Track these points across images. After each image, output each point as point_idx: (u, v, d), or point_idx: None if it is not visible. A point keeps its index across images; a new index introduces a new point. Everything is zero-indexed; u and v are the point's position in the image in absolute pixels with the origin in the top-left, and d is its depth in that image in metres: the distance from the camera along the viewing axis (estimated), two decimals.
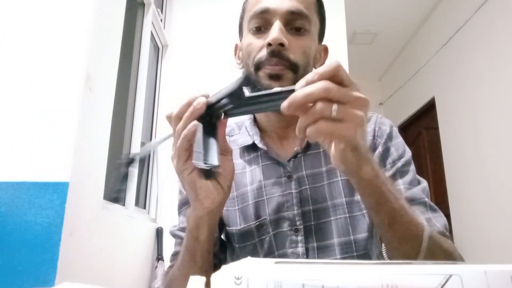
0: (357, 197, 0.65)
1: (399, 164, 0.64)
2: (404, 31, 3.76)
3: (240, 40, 0.74)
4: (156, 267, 2.13)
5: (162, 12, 2.63)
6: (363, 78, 4.67)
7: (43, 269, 1.05)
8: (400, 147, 0.66)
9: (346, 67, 2.54)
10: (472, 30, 2.85)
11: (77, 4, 1.28)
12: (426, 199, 0.61)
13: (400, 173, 0.63)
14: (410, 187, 0.61)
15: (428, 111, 3.59)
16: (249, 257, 0.26)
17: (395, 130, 0.69)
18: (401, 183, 0.61)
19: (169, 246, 2.20)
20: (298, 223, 0.65)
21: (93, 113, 1.29)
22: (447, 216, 2.81)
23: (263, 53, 0.63)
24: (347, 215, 0.64)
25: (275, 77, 0.62)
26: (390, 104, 4.53)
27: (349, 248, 0.64)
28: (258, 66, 0.63)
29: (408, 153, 0.66)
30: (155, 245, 2.23)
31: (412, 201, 0.58)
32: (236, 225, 0.68)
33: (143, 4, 2.32)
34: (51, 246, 1.06)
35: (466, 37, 2.93)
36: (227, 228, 0.69)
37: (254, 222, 0.66)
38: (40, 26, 1.24)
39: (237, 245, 0.68)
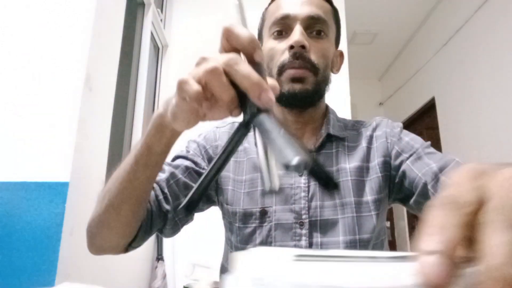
0: (366, 198, 0.66)
1: (423, 149, 0.65)
2: (404, 31, 3.76)
3: None
4: (156, 267, 2.13)
5: (162, 12, 2.63)
6: (363, 78, 4.67)
7: (43, 269, 1.05)
8: (417, 138, 0.69)
9: (346, 67, 2.54)
10: (472, 30, 2.85)
11: (77, 4, 1.28)
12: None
13: (427, 154, 0.64)
14: (442, 159, 0.62)
15: (428, 111, 3.58)
16: (262, 247, 0.24)
17: (406, 130, 0.72)
18: (432, 162, 0.62)
19: (169, 246, 2.20)
20: (304, 216, 0.66)
21: (93, 113, 1.29)
22: None
23: (286, 56, 0.65)
24: (355, 215, 0.65)
25: (298, 80, 0.65)
26: (390, 104, 4.53)
27: (353, 246, 0.64)
28: (281, 70, 0.66)
29: (428, 142, 0.68)
30: (155, 245, 2.23)
31: (445, 167, 0.59)
32: (239, 205, 0.69)
33: (143, 4, 2.32)
34: (51, 246, 1.06)
35: (466, 37, 2.93)
36: (229, 206, 0.70)
37: (258, 207, 0.68)
38: (40, 26, 1.24)
39: (237, 225, 0.69)
